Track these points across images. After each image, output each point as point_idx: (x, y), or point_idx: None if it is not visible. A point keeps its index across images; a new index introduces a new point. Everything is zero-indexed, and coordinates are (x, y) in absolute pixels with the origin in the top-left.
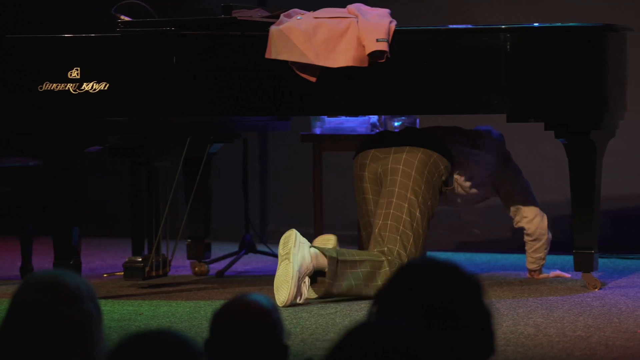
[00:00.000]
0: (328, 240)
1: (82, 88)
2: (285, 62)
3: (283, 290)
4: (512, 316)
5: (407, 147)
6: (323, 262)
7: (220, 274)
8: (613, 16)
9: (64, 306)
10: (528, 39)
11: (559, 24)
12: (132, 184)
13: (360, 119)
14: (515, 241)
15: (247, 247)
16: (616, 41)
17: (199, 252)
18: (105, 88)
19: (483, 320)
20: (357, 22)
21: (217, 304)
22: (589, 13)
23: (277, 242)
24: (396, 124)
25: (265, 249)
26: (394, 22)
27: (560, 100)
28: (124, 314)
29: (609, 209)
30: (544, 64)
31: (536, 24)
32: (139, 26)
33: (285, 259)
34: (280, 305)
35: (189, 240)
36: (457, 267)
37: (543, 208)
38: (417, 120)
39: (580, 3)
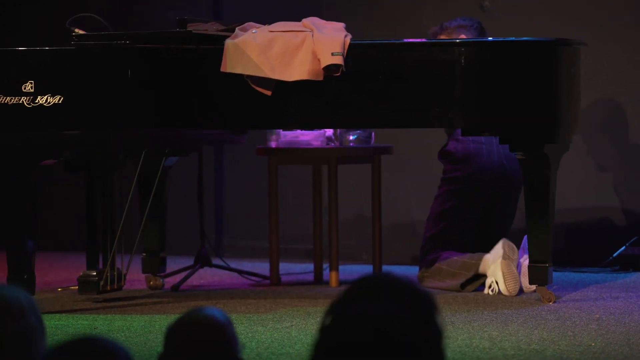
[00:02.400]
0: None
1: (37, 101)
2: (241, 75)
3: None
4: (467, 329)
5: None
6: None
7: (176, 287)
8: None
9: (5, 321)
10: (482, 53)
11: (513, 38)
12: (86, 198)
13: (316, 132)
14: None
15: (203, 261)
16: (570, 55)
17: (154, 266)
18: (60, 101)
19: (434, 341)
20: (313, 35)
21: (172, 318)
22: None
23: (233, 256)
24: (352, 137)
25: (221, 263)
26: (349, 36)
27: (515, 114)
28: (78, 329)
29: (563, 222)
30: (498, 78)
31: (490, 38)
32: (94, 39)
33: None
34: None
35: (144, 254)
36: (411, 284)
37: None
38: (372, 134)
39: (531, 17)
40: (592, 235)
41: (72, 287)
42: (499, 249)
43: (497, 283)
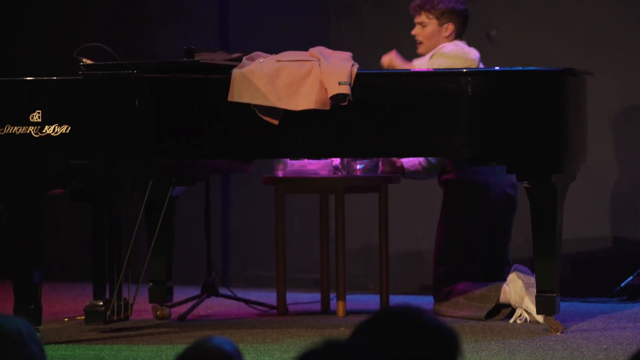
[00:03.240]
0: None
1: (44, 131)
2: (248, 104)
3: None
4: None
5: None
6: None
7: (183, 317)
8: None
9: (6, 349)
10: (489, 82)
11: (520, 68)
12: (93, 227)
13: (323, 161)
14: None
15: (209, 291)
16: (576, 85)
17: (161, 295)
18: (67, 131)
19: None
20: (320, 65)
21: (179, 348)
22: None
23: (240, 286)
24: (359, 166)
25: (228, 293)
26: (356, 65)
27: (522, 144)
28: (84, 359)
29: (570, 252)
30: (505, 108)
31: (497, 68)
32: (101, 69)
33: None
34: None
35: (151, 284)
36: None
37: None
38: (379, 163)
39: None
40: (599, 265)
41: (79, 317)
42: (516, 279)
43: (528, 313)
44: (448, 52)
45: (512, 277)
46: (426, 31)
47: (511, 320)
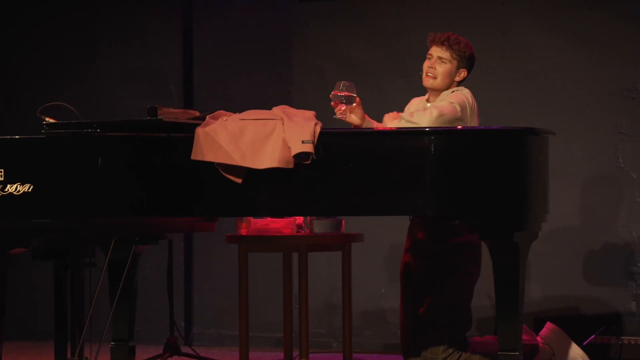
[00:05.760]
0: None
1: (6, 190)
2: (211, 163)
3: None
4: None
5: None
6: None
7: None
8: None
9: None
10: (452, 141)
11: (482, 127)
12: (55, 286)
13: (286, 219)
14: None
15: (172, 350)
16: (538, 144)
17: (122, 354)
18: (29, 190)
19: None
20: (283, 123)
21: None
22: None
23: (202, 344)
24: (322, 225)
25: (190, 352)
26: (319, 124)
27: (484, 202)
28: None
29: (532, 311)
30: (467, 166)
31: (459, 127)
32: (64, 128)
33: None
34: None
35: (113, 343)
36: None
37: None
38: (343, 222)
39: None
40: (561, 324)
41: None
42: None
43: None
44: (461, 102)
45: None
46: (445, 68)
47: None
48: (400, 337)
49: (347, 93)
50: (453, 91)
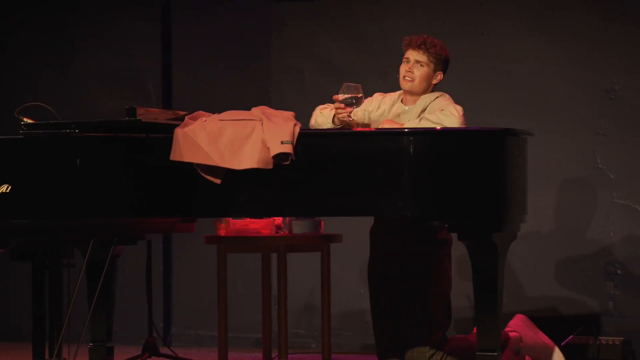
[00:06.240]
0: None
1: None
2: (190, 163)
3: None
4: None
5: None
6: None
7: None
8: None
9: None
10: (431, 142)
11: (461, 128)
12: (33, 287)
13: (265, 220)
14: None
15: (150, 351)
16: (517, 145)
17: (101, 355)
18: (7, 190)
19: None
20: (262, 124)
21: None
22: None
23: (181, 345)
24: (301, 225)
25: (169, 352)
26: (299, 125)
27: (463, 203)
28: None
29: (511, 311)
30: (446, 167)
31: (438, 128)
32: (42, 128)
33: None
34: None
35: (91, 344)
36: None
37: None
38: (322, 222)
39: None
40: (539, 324)
41: None
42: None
43: None
44: (456, 108)
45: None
46: (423, 71)
47: None
48: (375, 340)
49: (353, 95)
50: (437, 97)
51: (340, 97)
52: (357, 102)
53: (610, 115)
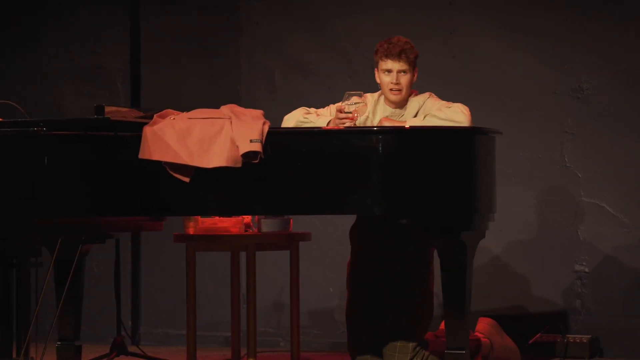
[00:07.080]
0: None
1: None
2: (159, 162)
3: None
4: None
5: None
6: None
7: None
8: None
9: None
10: (399, 140)
11: (429, 126)
12: (1, 286)
13: (234, 219)
14: None
15: (119, 349)
16: (485, 144)
17: (69, 354)
18: None
19: None
20: (231, 122)
21: None
22: None
23: (149, 344)
24: (270, 224)
25: (137, 352)
26: (268, 123)
27: (432, 202)
28: None
29: (479, 310)
30: (415, 166)
31: (407, 126)
32: (10, 126)
33: None
34: None
35: (59, 343)
36: None
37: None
38: (291, 220)
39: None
40: (507, 322)
41: None
42: None
43: None
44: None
45: None
46: (407, 78)
47: None
48: (348, 337)
49: (357, 101)
50: (429, 97)
51: (346, 107)
52: (361, 110)
53: (577, 114)
